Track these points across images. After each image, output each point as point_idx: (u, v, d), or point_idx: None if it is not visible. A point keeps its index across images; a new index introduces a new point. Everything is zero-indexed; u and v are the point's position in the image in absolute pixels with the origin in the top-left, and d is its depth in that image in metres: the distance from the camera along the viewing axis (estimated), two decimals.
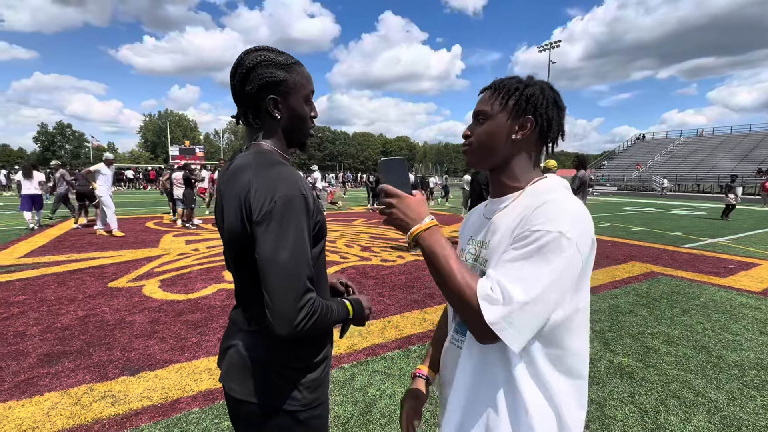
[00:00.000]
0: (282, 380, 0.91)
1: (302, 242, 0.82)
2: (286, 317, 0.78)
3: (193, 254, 6.38)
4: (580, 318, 0.78)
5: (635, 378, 2.69)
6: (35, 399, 2.35)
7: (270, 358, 0.91)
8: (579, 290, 0.76)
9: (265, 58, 0.91)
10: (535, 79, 0.88)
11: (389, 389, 2.51)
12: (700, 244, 7.88)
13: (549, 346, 0.77)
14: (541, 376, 0.77)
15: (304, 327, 0.80)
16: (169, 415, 2.22)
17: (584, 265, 0.74)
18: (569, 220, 0.73)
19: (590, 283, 0.82)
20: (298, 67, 0.95)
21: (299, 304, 0.79)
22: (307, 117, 0.98)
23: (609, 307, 4.09)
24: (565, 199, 0.77)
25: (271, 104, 0.92)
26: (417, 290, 4.57)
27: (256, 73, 0.90)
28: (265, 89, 0.91)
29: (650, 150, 48.92)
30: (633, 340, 3.30)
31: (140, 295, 4.28)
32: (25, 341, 3.12)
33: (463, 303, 0.73)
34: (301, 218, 0.83)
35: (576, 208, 0.75)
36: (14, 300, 4.06)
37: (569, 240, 0.71)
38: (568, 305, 0.75)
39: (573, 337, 0.78)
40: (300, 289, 0.80)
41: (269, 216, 0.80)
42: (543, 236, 0.71)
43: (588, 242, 0.75)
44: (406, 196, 0.82)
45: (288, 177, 0.85)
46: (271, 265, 0.80)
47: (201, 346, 3.07)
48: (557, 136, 0.88)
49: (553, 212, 0.74)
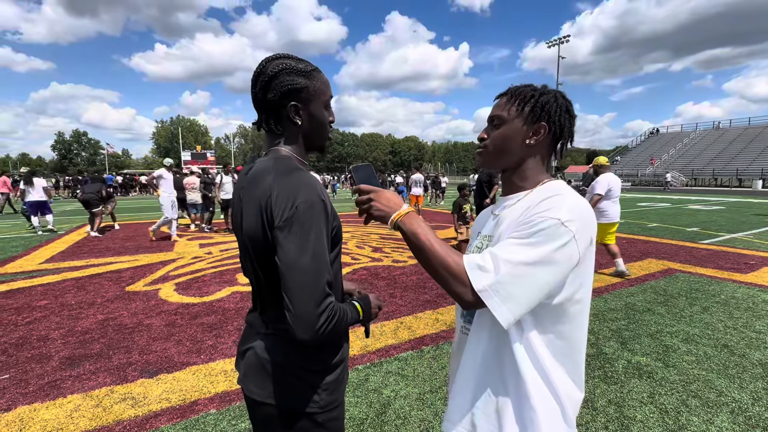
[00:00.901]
0: (300, 382, 0.93)
1: (322, 247, 0.84)
2: (307, 322, 0.80)
3: (207, 258, 6.48)
4: (576, 309, 0.82)
5: (654, 378, 2.63)
6: (59, 401, 2.41)
7: (288, 361, 0.93)
8: (574, 283, 0.80)
9: (286, 66, 0.93)
10: (549, 87, 0.93)
11: (403, 390, 2.51)
12: (719, 240, 7.68)
13: (545, 332, 0.81)
14: (540, 361, 0.81)
15: (324, 331, 0.81)
16: (188, 416, 2.25)
17: (582, 258, 0.77)
18: (570, 213, 0.76)
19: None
20: (318, 74, 0.97)
21: (320, 309, 0.80)
22: (326, 122, 1.01)
23: (625, 305, 4.02)
24: (570, 195, 0.81)
25: (293, 111, 0.95)
26: (429, 290, 4.55)
27: (278, 81, 0.92)
28: (287, 96, 0.93)
29: (665, 144, 47.86)
30: (651, 339, 3.23)
31: (156, 298, 4.37)
32: (48, 345, 3.20)
33: (449, 275, 0.76)
34: (321, 223, 0.85)
35: (579, 204, 0.79)
36: (37, 305, 4.18)
37: (567, 229, 0.74)
38: (563, 293, 0.79)
39: (571, 327, 0.82)
40: (321, 293, 0.81)
41: (290, 221, 0.82)
42: (542, 222, 0.75)
43: (587, 238, 0.78)
44: (381, 190, 0.88)
45: (308, 182, 0.87)
46: (292, 269, 0.81)
47: (216, 349, 3.12)
48: (567, 142, 0.93)
49: (556, 204, 0.78)
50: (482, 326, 0.86)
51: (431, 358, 2.93)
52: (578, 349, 0.85)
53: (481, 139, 0.93)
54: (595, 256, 0.87)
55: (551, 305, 0.79)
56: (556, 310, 0.80)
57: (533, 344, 0.80)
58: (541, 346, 0.81)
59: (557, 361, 0.82)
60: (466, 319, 0.95)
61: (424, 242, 0.79)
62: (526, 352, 0.81)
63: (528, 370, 0.80)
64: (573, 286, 0.80)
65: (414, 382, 2.60)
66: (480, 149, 0.93)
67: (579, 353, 0.85)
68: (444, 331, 3.41)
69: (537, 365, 0.81)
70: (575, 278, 0.79)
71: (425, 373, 2.72)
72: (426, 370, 2.75)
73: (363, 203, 0.88)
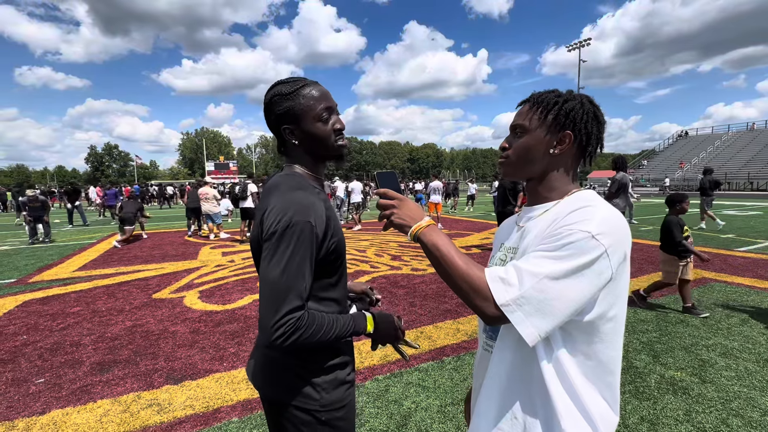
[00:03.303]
0: (298, 380, 0.98)
1: (295, 266, 0.87)
2: (265, 330, 0.86)
3: (230, 266, 6.61)
4: (609, 327, 0.77)
5: (690, 394, 2.49)
6: (89, 406, 2.49)
7: (286, 360, 0.99)
8: (607, 299, 0.74)
9: (275, 94, 0.99)
10: (575, 92, 0.88)
11: (424, 402, 2.47)
12: (757, 247, 7.27)
13: (576, 351, 0.76)
14: (571, 381, 0.75)
15: (283, 342, 0.85)
16: (211, 424, 2.28)
17: (615, 275, 0.72)
18: (602, 225, 0.71)
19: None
20: (304, 91, 0.98)
21: (277, 323, 0.84)
22: (324, 133, 1.00)
23: (657, 316, 3.84)
24: (602, 206, 0.77)
25: (287, 132, 1.01)
26: (449, 300, 4.49)
27: (270, 111, 1.01)
28: (279, 121, 1.01)
29: (695, 147, 45.94)
30: (686, 352, 3.07)
31: (181, 306, 4.48)
32: (79, 350, 3.33)
33: (471, 288, 0.74)
34: (301, 243, 0.88)
35: (612, 216, 0.75)
36: (70, 311, 4.36)
37: (598, 243, 0.70)
38: (595, 310, 0.74)
39: (604, 346, 0.77)
40: (281, 307, 0.85)
41: (271, 236, 0.88)
42: (571, 234, 0.71)
43: (620, 253, 0.73)
44: (405, 200, 0.87)
45: (302, 203, 0.90)
46: (263, 280, 0.88)
47: (239, 356, 3.16)
48: (596, 150, 0.88)
49: (587, 215, 0.73)
50: (507, 343, 0.82)
51: (452, 369, 2.88)
52: (611, 371, 0.79)
53: (503, 148, 0.90)
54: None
55: (582, 322, 0.75)
56: (588, 328, 0.75)
57: (563, 363, 0.76)
58: (572, 365, 0.76)
59: (589, 382, 0.77)
60: (489, 335, 0.91)
61: (445, 254, 0.78)
62: (555, 371, 0.76)
63: (557, 391, 0.75)
64: (605, 303, 0.75)
65: (435, 394, 2.55)
66: (502, 159, 0.90)
67: (612, 374, 0.79)
68: (465, 341, 3.35)
69: (567, 385, 0.76)
70: (608, 294, 0.74)
71: (446, 384, 2.67)
72: (447, 382, 2.70)
73: (385, 208, 0.87)
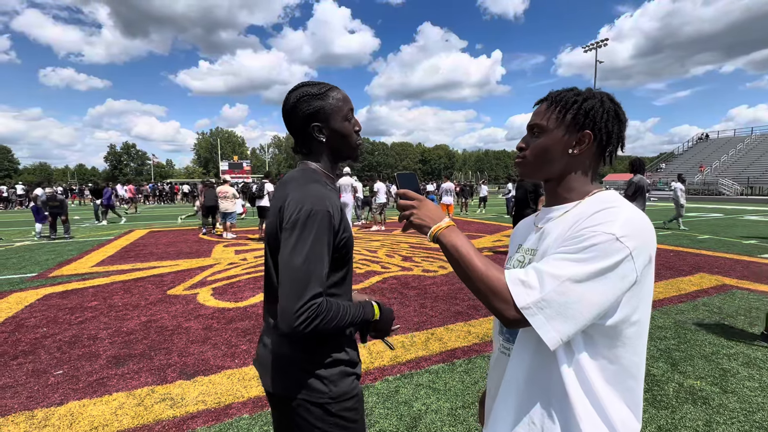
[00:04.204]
0: (305, 374, 0.98)
1: (317, 253, 0.90)
2: (287, 317, 0.86)
3: (242, 263, 6.69)
4: (633, 331, 0.75)
5: (711, 404, 2.41)
6: (105, 398, 2.55)
7: (293, 354, 1.00)
8: (631, 303, 0.72)
9: (303, 94, 1.04)
10: (594, 90, 0.85)
11: (434, 404, 2.44)
12: None
13: (597, 355, 0.74)
14: (592, 386, 0.73)
15: (305, 329, 0.86)
16: (222, 420, 2.31)
17: (639, 278, 0.70)
18: (627, 227, 0.69)
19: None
20: (332, 92, 1.07)
21: (301, 307, 0.86)
22: (349, 133, 1.09)
23: (675, 323, 3.73)
24: (626, 207, 0.74)
25: (316, 130, 1.06)
26: (461, 301, 4.45)
27: (298, 109, 1.04)
28: (309, 119, 1.05)
29: (716, 150, 44.62)
30: (706, 361, 2.98)
31: (195, 302, 4.55)
32: (96, 344, 3.41)
33: (490, 290, 0.73)
34: (322, 230, 0.92)
35: (637, 218, 0.72)
36: (88, 305, 4.47)
37: (623, 245, 0.68)
38: (618, 314, 0.72)
39: (626, 350, 0.75)
40: (304, 293, 0.87)
41: (294, 224, 0.91)
42: (594, 236, 0.69)
43: (645, 256, 0.71)
44: (425, 200, 0.86)
45: (320, 194, 0.95)
46: (285, 267, 0.90)
47: (250, 353, 3.18)
48: (617, 149, 0.86)
49: (610, 217, 0.71)
50: (525, 346, 0.80)
51: (463, 371, 2.85)
52: (634, 375, 0.77)
53: (520, 148, 0.88)
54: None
55: (604, 326, 0.73)
56: (610, 332, 0.73)
57: (584, 368, 0.73)
58: (593, 370, 0.73)
59: (610, 387, 0.74)
60: (506, 337, 0.89)
61: (464, 255, 0.76)
62: (576, 375, 0.74)
63: (577, 396, 0.73)
64: (629, 307, 0.73)
65: (446, 396, 2.53)
66: (519, 159, 0.88)
67: (635, 380, 0.77)
68: (476, 344, 3.31)
69: (588, 390, 0.73)
70: (631, 298, 0.72)
71: (457, 387, 2.64)
72: (458, 384, 2.67)
73: (405, 209, 0.86)
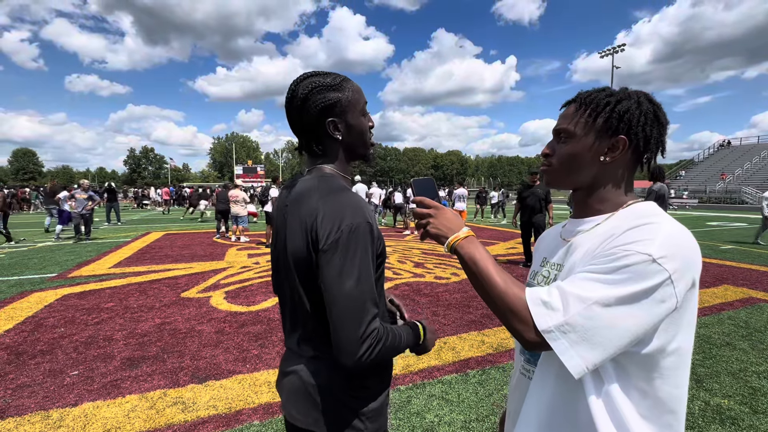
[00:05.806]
0: (345, 409, 0.89)
1: (367, 271, 0.82)
2: (349, 348, 0.78)
3: (255, 267, 6.73)
4: (671, 361, 0.67)
5: (740, 425, 2.29)
6: (118, 400, 2.56)
7: (333, 386, 0.89)
8: (669, 331, 0.65)
9: (316, 84, 0.91)
10: (630, 90, 0.77)
11: (447, 416, 2.38)
12: None
13: (630, 389, 0.66)
14: (624, 421, 0.65)
15: (368, 358, 0.79)
16: (232, 425, 2.29)
17: (680, 304, 0.63)
18: (665, 247, 0.62)
19: (695, 324, 0.69)
20: (348, 84, 0.95)
21: (363, 336, 0.78)
22: (366, 128, 0.98)
23: (699, 337, 3.58)
24: (665, 223, 0.66)
25: (331, 126, 0.92)
26: (474, 310, 4.37)
27: (311, 101, 0.90)
28: (323, 114, 0.91)
29: (738, 157, 43.27)
30: (733, 378, 2.84)
31: (208, 305, 4.58)
32: (111, 345, 3.45)
33: (508, 309, 0.67)
34: (366, 246, 0.82)
35: (679, 235, 0.65)
36: (105, 306, 4.55)
37: (661, 268, 0.60)
38: (655, 342, 0.65)
39: (664, 382, 0.67)
40: (364, 319, 0.79)
41: (336, 244, 0.80)
42: (628, 255, 0.62)
43: (688, 279, 0.63)
44: (443, 208, 0.81)
45: (354, 204, 0.85)
46: (336, 294, 0.79)
47: (261, 359, 3.18)
48: (656, 155, 0.77)
49: (647, 234, 0.64)
50: (549, 371, 0.73)
51: (477, 383, 2.78)
52: (673, 410, 0.69)
53: (546, 155, 0.81)
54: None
55: (639, 354, 0.65)
56: (646, 362, 0.66)
57: (615, 399, 0.66)
58: (625, 402, 0.66)
59: (646, 422, 0.67)
60: (527, 358, 0.83)
61: (482, 269, 0.71)
62: (606, 407, 0.66)
63: (607, 430, 0.66)
64: (667, 335, 0.65)
65: (459, 408, 2.47)
66: (544, 167, 0.81)
67: (675, 415, 0.69)
68: (490, 354, 3.23)
69: (620, 425, 0.66)
70: (670, 325, 0.65)
71: (470, 399, 2.57)
72: (471, 396, 2.60)
73: (422, 217, 0.81)
